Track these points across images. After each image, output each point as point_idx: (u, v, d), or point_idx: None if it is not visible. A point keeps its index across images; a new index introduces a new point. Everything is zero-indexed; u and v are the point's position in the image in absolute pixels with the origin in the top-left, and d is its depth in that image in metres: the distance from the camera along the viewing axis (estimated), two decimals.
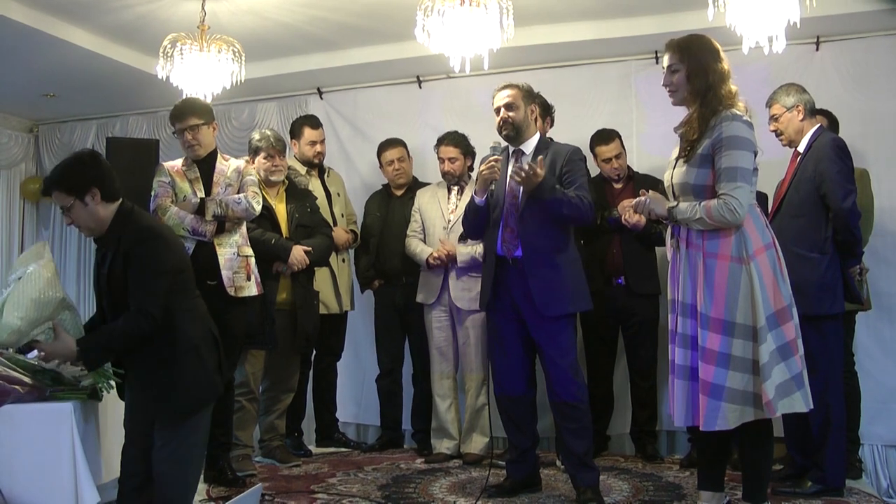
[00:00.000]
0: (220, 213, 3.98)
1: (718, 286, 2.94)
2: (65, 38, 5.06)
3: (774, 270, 2.98)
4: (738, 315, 2.91)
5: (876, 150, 4.82)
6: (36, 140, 7.21)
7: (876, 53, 4.97)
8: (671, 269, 3.16)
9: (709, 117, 3.02)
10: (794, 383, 2.95)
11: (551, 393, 3.68)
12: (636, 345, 4.74)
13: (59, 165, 3.05)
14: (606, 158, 4.77)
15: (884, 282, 4.72)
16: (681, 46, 3.10)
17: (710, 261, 2.97)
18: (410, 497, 3.86)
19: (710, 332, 2.93)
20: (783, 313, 2.96)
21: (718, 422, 2.92)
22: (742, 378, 2.91)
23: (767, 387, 2.87)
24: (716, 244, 2.97)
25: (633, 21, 5.08)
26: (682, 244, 3.07)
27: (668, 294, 3.17)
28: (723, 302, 2.93)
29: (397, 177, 5.07)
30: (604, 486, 3.84)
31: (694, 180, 3.03)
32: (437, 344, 4.73)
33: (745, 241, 2.95)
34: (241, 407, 4.34)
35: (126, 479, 3.03)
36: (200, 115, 4.06)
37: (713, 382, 2.91)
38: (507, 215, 3.73)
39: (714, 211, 2.93)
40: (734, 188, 2.92)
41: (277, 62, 5.77)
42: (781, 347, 2.94)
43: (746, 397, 2.91)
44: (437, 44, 3.94)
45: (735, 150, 2.95)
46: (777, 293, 2.96)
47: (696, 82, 3.05)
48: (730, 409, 2.91)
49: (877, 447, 4.74)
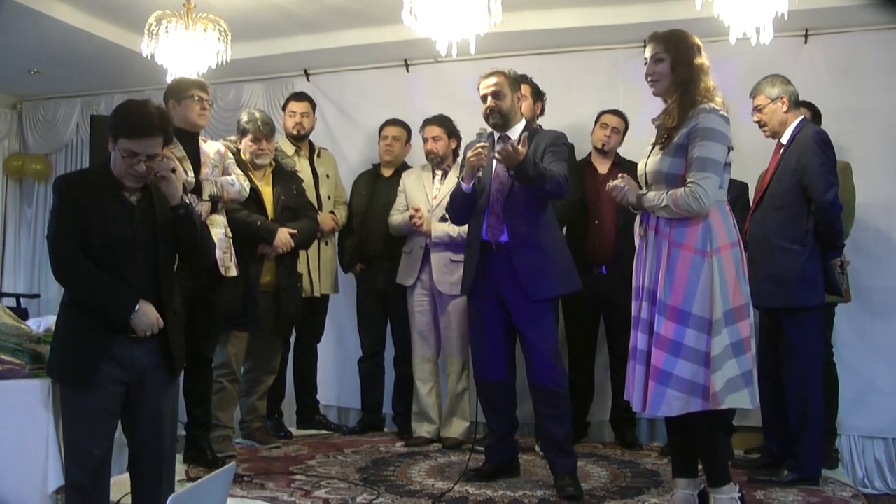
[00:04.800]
0: (215, 193, 3.98)
1: (679, 276, 2.96)
2: (49, 13, 5.01)
3: (737, 268, 3.00)
4: (695, 306, 2.93)
5: (861, 144, 4.84)
6: (20, 116, 7.16)
7: (864, 48, 4.99)
8: (637, 256, 3.18)
9: (688, 108, 3.04)
10: (742, 380, 2.96)
11: (531, 378, 3.69)
12: (618, 333, 4.74)
13: (153, 110, 2.85)
14: (605, 124, 4.81)
15: (864, 275, 4.75)
16: (666, 38, 3.12)
17: (674, 250, 2.99)
18: (389, 480, 3.87)
19: (666, 320, 2.96)
20: (741, 311, 2.98)
21: (663, 408, 2.95)
22: (691, 368, 2.93)
23: (716, 378, 2.89)
24: (682, 233, 2.99)
25: (621, 9, 5.08)
26: (651, 231, 3.09)
27: (633, 281, 3.18)
28: (682, 291, 2.95)
29: (386, 153, 5.09)
30: (582, 472, 3.86)
31: (668, 169, 3.05)
32: (418, 328, 4.73)
33: (711, 235, 2.97)
34: (222, 388, 4.34)
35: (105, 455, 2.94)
36: (207, 91, 4.06)
37: (662, 368, 2.94)
38: (493, 201, 3.73)
39: (680, 199, 2.95)
40: (702, 178, 2.94)
41: (264, 43, 5.73)
42: (735, 344, 2.96)
43: (694, 387, 2.93)
44: (425, 27, 3.93)
45: (709, 142, 2.96)
46: (737, 290, 2.98)
47: (679, 73, 3.07)
48: (674, 395, 2.93)
49: (854, 438, 4.80)
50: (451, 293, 4.52)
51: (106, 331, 2.79)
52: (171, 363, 2.93)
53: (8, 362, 3.02)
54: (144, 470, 2.92)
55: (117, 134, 2.81)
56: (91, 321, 2.79)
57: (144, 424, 2.88)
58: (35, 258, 7.13)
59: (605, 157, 4.85)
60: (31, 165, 7.01)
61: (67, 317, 2.86)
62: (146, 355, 2.85)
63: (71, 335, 2.83)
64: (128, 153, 2.78)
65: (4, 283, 7.15)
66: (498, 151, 3.50)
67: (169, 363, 2.92)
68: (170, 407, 2.97)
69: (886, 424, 4.76)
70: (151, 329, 2.81)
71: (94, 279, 2.77)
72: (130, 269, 2.82)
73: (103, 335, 2.79)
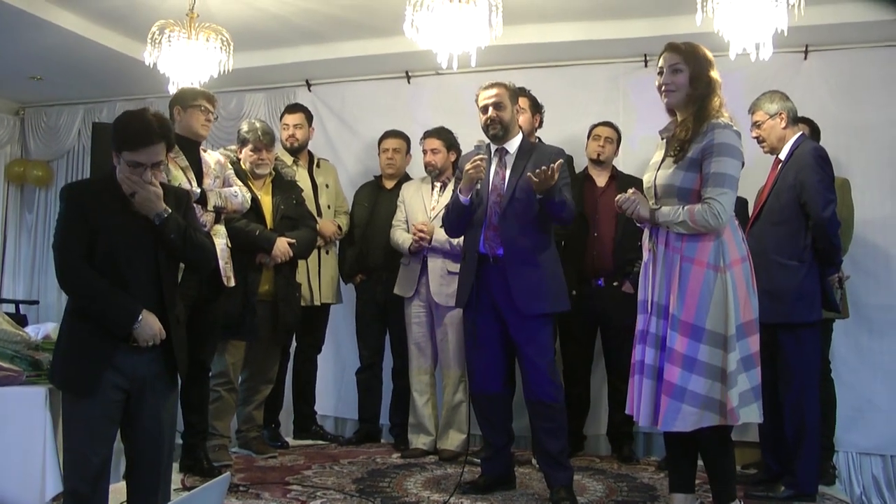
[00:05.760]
0: (220, 204, 3.99)
1: (692, 291, 2.95)
2: (52, 20, 5.04)
3: (747, 283, 3.01)
4: (709, 321, 2.93)
5: (859, 160, 4.87)
6: (22, 123, 7.18)
7: (863, 65, 5.02)
8: (643, 270, 3.17)
9: (702, 122, 3.03)
10: (752, 394, 2.99)
11: (528, 392, 3.69)
12: (615, 346, 4.75)
13: (152, 118, 2.85)
14: (597, 136, 4.82)
15: (862, 291, 4.76)
16: (685, 49, 3.10)
17: (686, 265, 2.98)
18: (385, 491, 3.86)
19: (679, 335, 2.95)
20: (750, 326, 3.00)
21: (677, 423, 2.95)
22: (705, 383, 2.93)
23: (732, 394, 2.90)
24: (694, 248, 2.99)
25: (622, 24, 5.11)
26: (661, 245, 3.08)
27: (639, 294, 3.18)
28: (694, 307, 2.95)
29: (387, 166, 5.09)
30: (578, 485, 3.86)
31: (680, 183, 3.04)
32: (415, 339, 4.73)
33: (724, 250, 2.98)
34: (219, 397, 4.33)
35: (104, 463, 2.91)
36: (214, 104, 4.08)
37: (676, 384, 2.94)
38: (491, 214, 3.74)
39: (698, 215, 2.95)
40: (720, 193, 2.94)
41: (266, 53, 5.76)
42: (745, 358, 2.97)
43: (708, 402, 2.93)
44: (426, 39, 3.95)
45: (725, 158, 2.97)
46: (747, 305, 3.00)
47: (697, 86, 3.07)
48: (689, 411, 2.93)
49: (851, 454, 4.80)
50: (447, 305, 4.52)
51: (108, 339, 2.79)
52: (173, 372, 2.93)
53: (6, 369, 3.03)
54: (141, 478, 2.90)
55: (120, 147, 2.82)
56: (94, 329, 2.79)
57: (143, 433, 2.88)
58: (35, 264, 7.13)
59: (603, 169, 4.86)
60: (32, 172, 7.02)
61: (71, 324, 2.86)
62: (148, 364, 2.85)
63: (74, 342, 2.84)
64: (133, 164, 2.80)
65: (4, 289, 7.16)
66: (535, 175, 3.48)
67: (170, 372, 2.92)
68: (169, 416, 2.96)
69: (884, 441, 4.76)
70: (154, 339, 2.81)
71: (97, 289, 2.78)
72: (134, 277, 2.82)
73: (106, 343, 2.78)
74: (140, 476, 2.90)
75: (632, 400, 3.13)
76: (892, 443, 4.76)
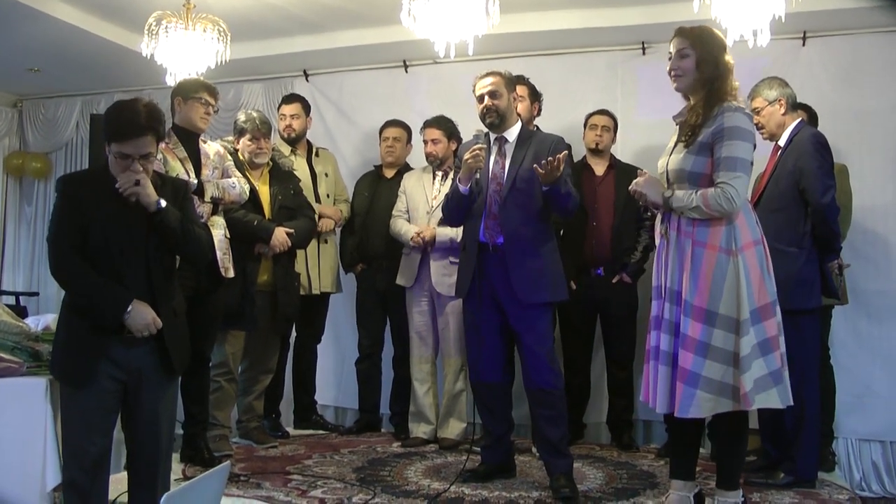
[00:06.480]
0: (217, 195, 3.99)
1: (704, 275, 2.95)
2: (50, 12, 5.01)
3: (761, 266, 2.99)
4: (722, 306, 2.92)
5: (858, 147, 4.85)
6: (20, 115, 7.16)
7: (862, 50, 4.99)
8: (657, 256, 3.17)
9: (713, 106, 3.02)
10: (771, 379, 2.96)
11: (527, 380, 3.69)
12: (615, 335, 4.76)
13: (142, 109, 2.82)
14: (594, 125, 4.82)
15: (861, 277, 4.75)
16: (693, 33, 3.09)
17: (698, 249, 2.97)
18: (385, 480, 3.87)
19: (692, 320, 2.94)
20: (766, 309, 2.98)
21: (692, 409, 2.94)
22: (719, 368, 2.92)
23: (745, 379, 2.89)
24: (706, 233, 2.98)
25: (619, 11, 5.09)
26: (673, 231, 3.07)
27: (653, 280, 3.17)
28: (707, 291, 2.94)
29: (387, 154, 5.09)
30: (578, 473, 3.87)
31: (691, 167, 3.03)
32: (416, 328, 4.74)
33: (736, 233, 2.97)
34: (219, 387, 4.34)
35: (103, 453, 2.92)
36: (216, 97, 4.08)
37: (690, 370, 2.93)
38: (491, 203, 3.73)
39: (711, 199, 2.93)
40: (733, 177, 2.93)
41: (263, 43, 5.73)
42: (762, 343, 2.96)
43: (723, 388, 2.93)
44: (423, 28, 3.94)
45: (737, 141, 2.96)
46: (762, 289, 2.98)
47: (706, 70, 3.05)
48: (704, 397, 2.92)
49: (851, 441, 4.80)
50: (449, 294, 4.52)
51: (103, 330, 2.79)
52: (170, 363, 2.92)
53: (6, 360, 3.04)
54: (141, 468, 2.91)
55: (109, 138, 2.82)
56: (89, 320, 2.80)
57: (142, 424, 2.88)
58: (34, 256, 7.13)
59: (601, 158, 4.86)
60: (31, 164, 7.01)
61: (67, 316, 2.87)
62: (144, 356, 2.84)
63: (70, 334, 2.84)
64: (121, 156, 2.79)
65: (4, 280, 7.16)
66: (541, 167, 3.48)
67: (167, 364, 2.91)
68: (168, 407, 2.97)
69: (883, 427, 4.76)
70: (148, 329, 2.80)
71: (87, 279, 2.78)
72: (127, 269, 2.82)
73: (101, 334, 2.79)
74: (139, 466, 2.91)
75: (646, 386, 3.13)
76: (891, 429, 4.76)
